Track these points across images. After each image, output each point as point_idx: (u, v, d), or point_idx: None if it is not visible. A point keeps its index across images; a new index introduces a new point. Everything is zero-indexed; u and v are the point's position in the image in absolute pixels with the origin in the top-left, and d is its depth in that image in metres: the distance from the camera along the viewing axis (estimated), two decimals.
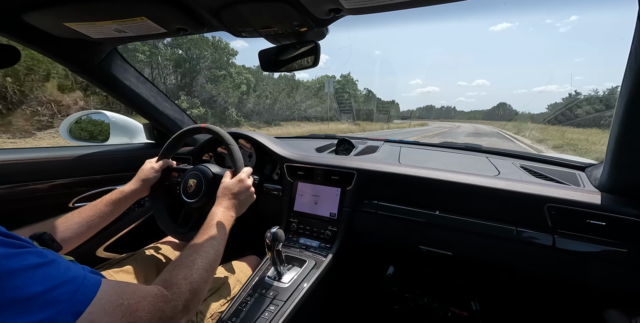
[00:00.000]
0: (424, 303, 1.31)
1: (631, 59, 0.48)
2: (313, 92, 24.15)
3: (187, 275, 0.53)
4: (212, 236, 0.65)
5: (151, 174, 0.87)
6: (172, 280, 0.51)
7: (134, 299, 0.42)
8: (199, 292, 0.53)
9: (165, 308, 0.46)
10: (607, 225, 0.71)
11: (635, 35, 0.45)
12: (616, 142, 0.62)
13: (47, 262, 0.36)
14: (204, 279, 0.56)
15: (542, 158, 1.13)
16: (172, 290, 0.49)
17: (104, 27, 0.72)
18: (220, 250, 0.65)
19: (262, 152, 1.19)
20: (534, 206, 0.79)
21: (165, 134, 1.36)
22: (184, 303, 0.49)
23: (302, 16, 0.61)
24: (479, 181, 0.85)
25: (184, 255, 0.58)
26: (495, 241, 0.85)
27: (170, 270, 0.54)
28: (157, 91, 1.22)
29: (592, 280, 0.77)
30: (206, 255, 0.59)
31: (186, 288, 0.51)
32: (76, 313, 0.35)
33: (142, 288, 0.46)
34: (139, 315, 0.42)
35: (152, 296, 0.45)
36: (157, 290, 0.48)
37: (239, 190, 0.78)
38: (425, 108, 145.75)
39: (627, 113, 0.56)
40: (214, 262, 0.61)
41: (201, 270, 0.56)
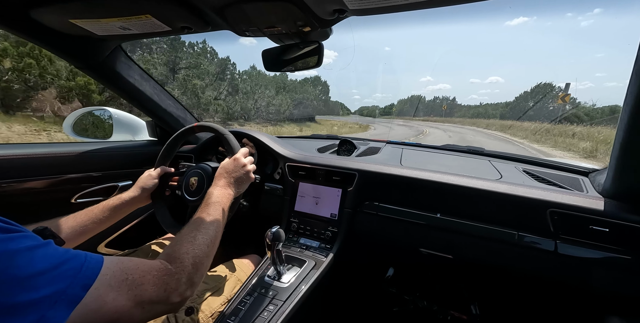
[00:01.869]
0: (424, 305, 1.31)
1: (637, 65, 0.48)
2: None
3: (189, 249, 0.54)
4: (211, 213, 0.65)
5: (149, 181, 0.86)
6: (175, 254, 0.52)
7: (138, 274, 0.43)
8: (201, 266, 0.54)
9: (170, 281, 0.47)
10: (611, 232, 0.70)
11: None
12: (621, 148, 0.62)
13: (45, 244, 0.37)
14: (206, 254, 0.57)
15: (545, 162, 1.12)
16: (175, 264, 0.50)
17: (109, 24, 0.72)
18: (220, 227, 0.65)
19: (264, 152, 1.19)
20: (536, 211, 0.78)
21: (168, 131, 1.36)
22: (187, 276, 0.50)
23: (306, 16, 0.61)
24: (480, 184, 0.84)
25: (184, 232, 0.59)
26: (496, 245, 0.84)
27: (172, 245, 0.55)
28: (161, 89, 1.23)
29: (594, 286, 0.76)
30: (206, 231, 0.60)
31: (189, 262, 0.52)
32: (85, 286, 0.36)
33: (146, 263, 0.47)
34: (145, 288, 0.43)
35: (156, 270, 0.47)
36: (161, 264, 0.49)
37: (233, 168, 0.79)
38: (409, 100, 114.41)
39: (632, 119, 0.55)
40: (215, 238, 0.62)
41: (202, 245, 0.57)
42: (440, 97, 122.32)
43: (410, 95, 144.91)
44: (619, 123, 0.59)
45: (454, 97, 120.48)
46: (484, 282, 1.23)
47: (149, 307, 0.43)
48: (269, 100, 21.73)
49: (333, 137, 1.56)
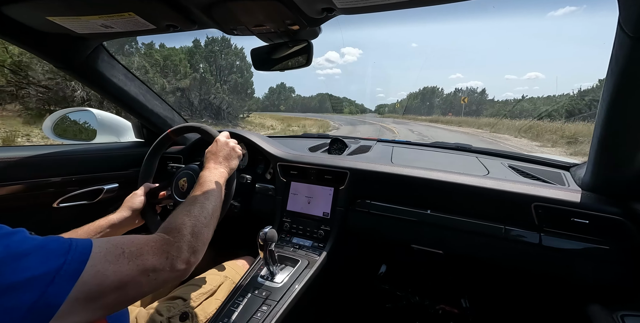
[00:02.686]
0: (416, 301, 1.33)
1: (612, 64, 0.50)
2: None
3: (185, 221, 0.54)
4: (205, 190, 0.65)
5: (136, 200, 0.82)
6: (171, 226, 0.53)
7: (134, 246, 0.43)
8: (200, 235, 0.54)
9: (170, 249, 0.47)
10: (590, 223, 0.74)
11: (616, 40, 0.47)
12: (598, 143, 0.64)
13: (20, 231, 0.37)
14: (204, 224, 0.57)
15: (530, 158, 1.16)
16: (172, 234, 0.51)
17: (89, 22, 0.69)
18: (217, 202, 0.65)
19: (255, 152, 1.18)
20: (521, 205, 0.80)
21: (155, 132, 1.33)
22: (188, 244, 0.50)
23: (295, 15, 0.61)
24: (469, 180, 0.86)
25: (179, 209, 0.59)
26: (484, 239, 0.86)
27: (167, 220, 0.55)
28: (147, 89, 1.20)
29: (577, 276, 0.79)
30: (202, 205, 0.60)
31: (187, 232, 0.52)
32: (81, 261, 0.36)
33: (141, 237, 0.47)
34: (146, 257, 0.43)
35: (154, 241, 0.47)
36: (157, 236, 0.49)
37: (217, 148, 0.79)
38: (421, 93, 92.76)
39: (608, 116, 0.57)
40: (213, 211, 0.62)
41: (199, 216, 0.57)
42: (463, 89, 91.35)
43: (422, 87, 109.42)
44: (597, 119, 0.62)
45: (484, 89, 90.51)
46: (473, 275, 1.26)
47: (154, 274, 0.44)
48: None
49: (324, 136, 1.56)
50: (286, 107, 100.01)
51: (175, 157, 1.29)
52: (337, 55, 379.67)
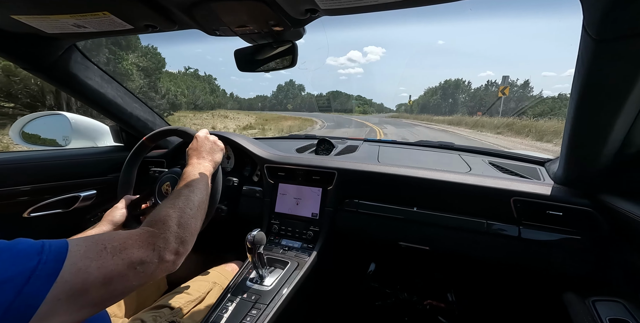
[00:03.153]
0: (404, 297, 1.36)
1: (578, 64, 0.53)
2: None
3: (169, 213, 0.53)
4: (190, 184, 0.64)
5: (117, 213, 0.78)
6: (155, 219, 0.51)
7: (116, 241, 0.42)
8: (187, 226, 0.53)
9: (156, 241, 0.46)
10: (564, 215, 0.78)
11: (581, 42, 0.50)
12: (568, 140, 0.69)
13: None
14: (191, 215, 0.56)
15: (508, 154, 1.21)
16: (157, 226, 0.49)
17: (60, 21, 0.66)
18: (203, 195, 0.63)
19: (241, 154, 1.17)
20: (501, 200, 0.84)
21: (135, 136, 1.28)
22: (175, 235, 0.50)
23: (278, 15, 0.61)
24: (453, 178, 0.89)
25: (163, 203, 0.57)
26: (468, 234, 0.90)
27: (150, 215, 0.54)
28: (125, 91, 1.15)
29: (553, 266, 0.84)
30: (187, 197, 0.59)
31: (172, 223, 0.51)
32: (57, 260, 0.35)
33: (122, 232, 0.46)
34: (131, 251, 0.42)
35: (137, 235, 0.46)
36: (141, 229, 0.48)
37: (198, 144, 0.78)
38: (441, 88, 75.25)
39: (576, 114, 0.61)
40: (200, 203, 0.60)
41: (185, 208, 0.56)
42: (494, 81, 69.48)
43: (443, 80, 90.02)
44: (567, 116, 0.66)
45: (527, 80, 66.63)
46: (458, 270, 1.30)
47: (141, 267, 0.43)
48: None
49: (311, 137, 1.56)
50: (294, 106, 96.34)
51: (157, 162, 1.24)
52: (359, 54, 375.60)
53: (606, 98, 0.54)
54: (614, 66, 0.49)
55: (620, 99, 0.52)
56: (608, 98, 0.54)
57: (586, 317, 0.65)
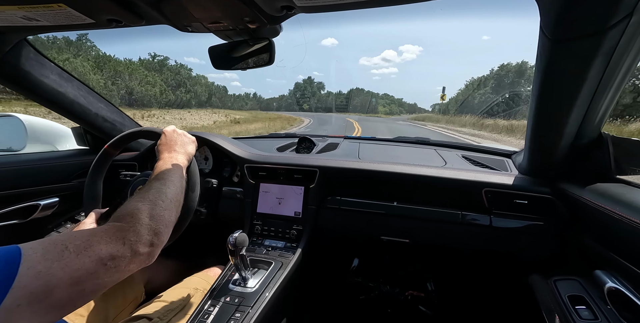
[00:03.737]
0: (387, 290, 1.40)
1: (537, 62, 0.58)
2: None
3: (139, 206, 0.49)
4: (162, 177, 0.60)
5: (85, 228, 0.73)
6: (122, 213, 0.48)
7: (80, 240, 0.39)
8: (161, 218, 0.50)
9: (126, 234, 0.43)
10: (528, 203, 0.85)
11: (539, 42, 0.54)
12: (531, 132, 0.74)
13: None
14: (162, 207, 0.52)
15: (479, 148, 1.28)
16: (125, 219, 0.46)
17: (5, 13, 0.60)
18: (177, 188, 0.59)
19: (220, 154, 1.13)
20: (474, 191, 0.89)
21: (102, 138, 1.19)
22: (147, 227, 0.46)
23: (253, 12, 0.59)
24: (430, 172, 0.93)
25: (132, 198, 0.53)
26: (445, 225, 0.94)
27: (118, 210, 0.50)
28: (88, 90, 1.07)
29: (520, 250, 0.91)
30: (157, 190, 0.55)
31: (144, 215, 0.48)
32: (9, 264, 0.32)
33: (87, 229, 0.43)
34: (97, 247, 0.39)
35: (102, 231, 0.42)
36: (106, 225, 0.45)
37: (167, 138, 0.74)
38: (493, 77, 44.46)
39: (536, 108, 0.66)
40: (174, 196, 0.57)
41: (157, 201, 0.52)
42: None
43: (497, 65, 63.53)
44: (529, 112, 0.71)
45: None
46: (436, 260, 1.36)
47: (113, 262, 0.40)
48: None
49: (291, 136, 1.55)
50: (309, 106, 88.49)
51: (128, 165, 1.17)
52: (394, 54, 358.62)
53: (561, 94, 0.59)
54: (566, 64, 0.53)
55: (573, 95, 0.57)
56: (562, 94, 0.59)
57: (549, 296, 0.72)
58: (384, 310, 1.33)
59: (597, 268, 0.66)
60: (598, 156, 0.71)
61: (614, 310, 0.57)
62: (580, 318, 0.61)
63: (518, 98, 26.28)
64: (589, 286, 0.68)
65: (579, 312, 0.62)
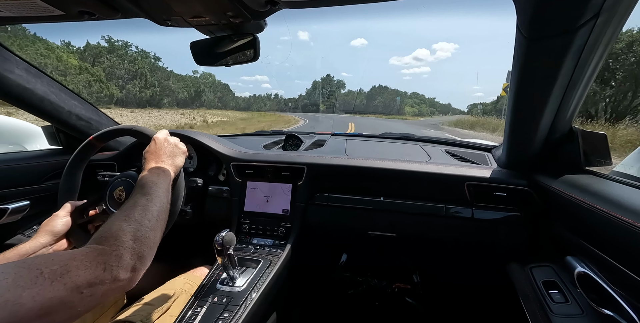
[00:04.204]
0: (374, 283, 1.43)
1: (514, 60, 0.61)
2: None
3: (123, 227, 0.47)
4: (147, 192, 0.56)
5: (57, 222, 0.67)
6: (104, 235, 0.45)
7: (57, 264, 0.37)
8: (146, 239, 0.47)
9: (107, 259, 0.41)
10: (507, 195, 0.89)
11: (516, 40, 0.57)
12: (509, 127, 0.78)
13: None
14: (148, 227, 0.49)
15: (461, 143, 1.33)
16: (109, 242, 0.44)
17: None
18: (162, 204, 0.57)
19: (204, 153, 1.10)
20: (457, 185, 0.93)
21: (77, 138, 1.13)
22: (130, 250, 0.44)
23: (236, 6, 0.58)
24: (415, 167, 0.96)
25: (115, 216, 0.50)
26: (430, 218, 0.97)
27: (99, 230, 0.47)
28: (60, 86, 1.01)
29: (500, 240, 0.95)
30: (144, 208, 0.53)
31: (128, 238, 0.45)
32: None
33: (66, 252, 0.40)
34: (76, 274, 0.37)
35: (82, 254, 0.40)
36: (87, 248, 0.42)
37: (156, 147, 0.70)
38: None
39: (514, 104, 0.70)
40: (159, 214, 0.54)
41: (143, 220, 0.50)
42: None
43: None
44: (507, 108, 0.74)
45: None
46: (421, 252, 1.40)
47: (90, 290, 0.38)
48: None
49: (278, 133, 1.54)
50: (327, 106, 79.05)
51: (107, 165, 1.12)
52: (427, 53, 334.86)
53: (535, 90, 0.62)
54: (540, 61, 0.56)
55: (546, 91, 0.60)
56: (537, 90, 0.62)
57: (525, 282, 0.76)
58: (371, 303, 1.36)
59: (568, 255, 0.71)
60: (569, 149, 0.75)
61: (583, 292, 0.61)
62: (553, 302, 0.65)
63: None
64: (561, 271, 0.73)
65: (552, 296, 0.67)
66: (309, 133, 1.48)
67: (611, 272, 0.55)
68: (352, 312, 1.33)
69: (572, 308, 0.62)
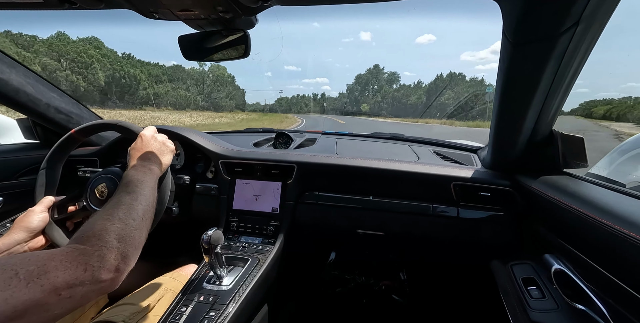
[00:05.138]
0: (362, 281, 1.45)
1: (500, 63, 0.63)
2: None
3: (106, 226, 0.45)
4: (132, 191, 0.55)
5: (34, 218, 0.64)
6: (86, 234, 0.43)
7: (34, 264, 0.35)
8: (130, 239, 0.46)
9: (89, 260, 0.39)
10: (491, 195, 0.92)
11: (502, 45, 0.59)
12: (494, 129, 0.80)
13: None
14: (133, 226, 0.48)
15: (449, 144, 1.36)
16: (91, 242, 0.42)
17: None
18: (148, 203, 0.55)
19: (192, 150, 1.08)
20: (444, 185, 0.95)
21: (56, 132, 1.08)
22: (114, 250, 0.42)
23: (227, 1, 0.57)
24: (404, 167, 0.97)
25: (97, 214, 0.49)
26: (417, 217, 0.99)
27: (80, 229, 0.45)
28: (37, 77, 0.96)
29: (483, 238, 0.98)
30: (128, 207, 0.51)
31: (111, 238, 0.44)
32: None
33: (42, 252, 0.38)
34: (54, 274, 0.35)
35: (61, 254, 0.38)
36: (67, 248, 0.40)
37: (143, 144, 0.67)
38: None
39: (499, 107, 0.72)
40: (144, 213, 0.52)
41: (127, 219, 0.48)
42: None
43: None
44: (493, 110, 0.77)
45: None
46: (408, 251, 1.43)
47: (68, 292, 0.36)
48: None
49: (268, 131, 1.53)
50: (371, 106, 61.28)
51: (88, 161, 1.08)
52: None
53: (519, 92, 0.65)
54: (524, 66, 0.58)
55: (529, 94, 0.63)
56: (520, 93, 0.64)
57: (506, 279, 0.79)
58: (359, 301, 1.37)
59: (547, 253, 0.74)
60: (549, 151, 0.78)
61: (558, 288, 0.65)
62: (531, 297, 0.68)
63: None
64: (540, 268, 0.76)
65: (530, 292, 0.70)
66: (299, 131, 1.48)
67: (584, 269, 0.58)
68: (340, 309, 1.34)
69: (549, 303, 0.65)
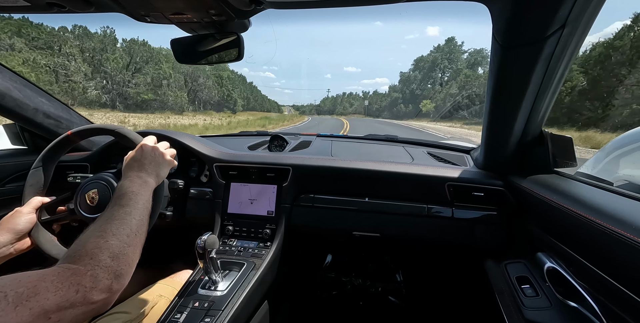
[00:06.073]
0: (359, 283, 1.45)
1: (491, 65, 0.64)
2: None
3: (100, 244, 0.44)
4: (126, 204, 0.53)
5: (21, 219, 0.62)
6: (78, 252, 0.42)
7: (24, 286, 0.34)
8: (124, 257, 0.45)
9: (81, 280, 0.38)
10: (484, 195, 0.93)
11: (492, 48, 0.60)
12: (486, 130, 0.82)
13: None
14: (127, 243, 0.47)
15: (443, 145, 1.38)
16: (84, 261, 0.41)
17: None
18: (142, 217, 0.54)
19: (186, 153, 1.07)
20: (438, 186, 0.96)
21: (45, 137, 1.06)
22: (107, 269, 0.41)
23: (219, 5, 0.57)
24: (399, 168, 0.98)
25: (90, 230, 0.47)
26: (412, 218, 1.00)
27: (72, 247, 0.44)
28: (25, 82, 0.94)
29: (477, 238, 0.99)
30: (121, 222, 0.50)
31: (104, 256, 0.42)
32: None
33: (32, 273, 0.36)
34: (44, 297, 0.34)
35: (54, 275, 0.37)
36: (59, 268, 0.39)
37: (142, 154, 0.65)
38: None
39: (490, 108, 0.73)
40: (138, 228, 0.51)
41: (120, 236, 0.47)
42: None
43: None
44: (484, 112, 0.78)
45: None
46: (404, 252, 1.44)
47: (58, 314, 0.34)
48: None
49: (263, 134, 1.52)
50: (437, 103, 50.73)
51: (78, 166, 1.06)
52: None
53: (509, 95, 0.66)
54: (513, 68, 0.60)
55: (519, 96, 0.64)
56: (511, 95, 0.66)
57: (500, 278, 0.80)
58: (356, 303, 1.37)
59: (539, 251, 0.75)
60: (540, 151, 0.80)
61: (551, 286, 0.66)
62: (525, 296, 0.69)
63: None
64: (533, 267, 0.77)
65: (524, 290, 0.71)
66: (294, 134, 1.48)
67: (576, 266, 0.59)
68: (337, 312, 1.33)
69: (542, 301, 0.66)
